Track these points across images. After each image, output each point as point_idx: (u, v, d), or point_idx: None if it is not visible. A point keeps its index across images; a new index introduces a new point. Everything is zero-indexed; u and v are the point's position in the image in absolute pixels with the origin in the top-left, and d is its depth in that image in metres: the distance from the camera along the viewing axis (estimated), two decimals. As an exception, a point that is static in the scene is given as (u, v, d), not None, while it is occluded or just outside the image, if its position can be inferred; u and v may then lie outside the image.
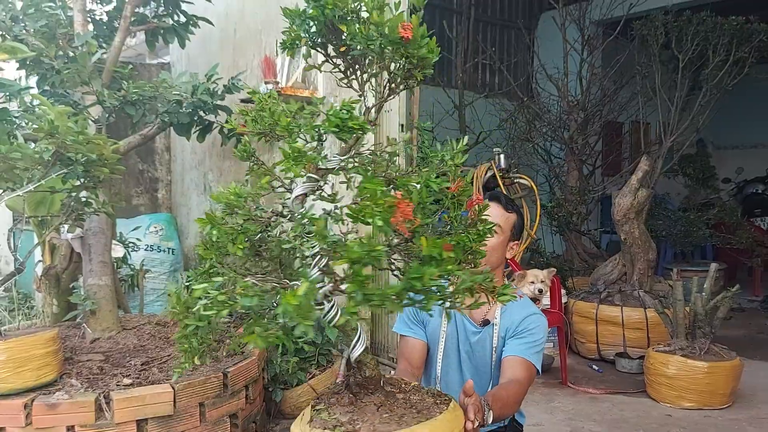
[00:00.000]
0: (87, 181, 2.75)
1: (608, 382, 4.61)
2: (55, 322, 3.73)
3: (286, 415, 3.74)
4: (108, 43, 4.15)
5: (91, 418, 2.46)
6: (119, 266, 4.40)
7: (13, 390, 2.45)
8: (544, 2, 8.15)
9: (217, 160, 5.70)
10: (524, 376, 2.11)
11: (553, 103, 7.30)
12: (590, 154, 7.33)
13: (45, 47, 3.49)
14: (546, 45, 7.88)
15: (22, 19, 3.64)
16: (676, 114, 6.16)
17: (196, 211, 6.11)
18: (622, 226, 5.02)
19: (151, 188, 6.41)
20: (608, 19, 7.22)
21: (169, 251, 5.68)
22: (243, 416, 2.95)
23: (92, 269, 3.32)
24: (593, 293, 5.26)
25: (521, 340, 2.18)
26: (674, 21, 5.94)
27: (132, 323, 3.50)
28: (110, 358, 2.96)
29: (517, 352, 2.16)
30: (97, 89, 3.44)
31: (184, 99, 3.86)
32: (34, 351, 2.50)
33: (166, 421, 2.60)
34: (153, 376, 2.75)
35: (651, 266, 5.21)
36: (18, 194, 2.55)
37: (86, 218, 3.11)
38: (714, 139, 10.66)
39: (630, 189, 4.95)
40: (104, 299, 3.28)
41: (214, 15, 4.78)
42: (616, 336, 4.97)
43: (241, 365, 2.94)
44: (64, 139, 2.48)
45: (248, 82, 4.91)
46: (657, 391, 4.14)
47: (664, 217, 7.08)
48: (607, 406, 4.09)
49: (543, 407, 4.03)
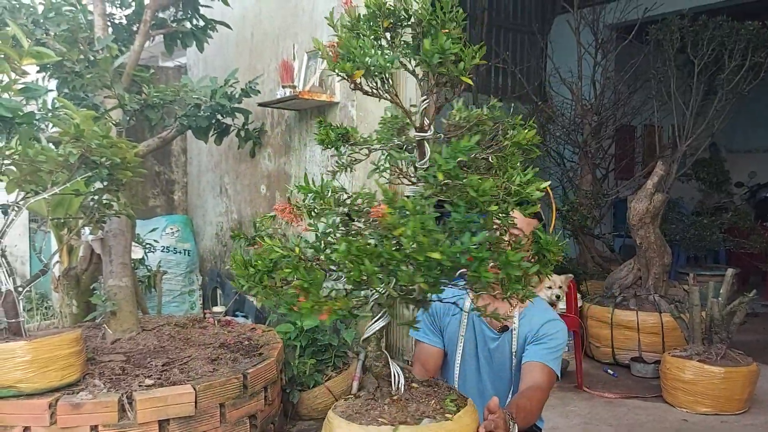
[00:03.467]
0: (110, 184, 2.78)
1: (623, 386, 4.61)
2: (74, 323, 3.77)
3: (303, 417, 3.76)
4: (127, 46, 4.19)
5: (114, 418, 2.49)
6: (136, 267, 4.44)
7: (38, 390, 2.48)
8: (558, 6, 8.13)
9: (233, 163, 5.74)
10: (545, 381, 2.12)
11: (566, 106, 7.29)
12: (603, 158, 7.32)
13: (67, 51, 3.54)
14: (560, 48, 7.87)
15: (43, 23, 3.69)
16: (691, 118, 6.14)
17: (211, 213, 6.14)
18: (637, 231, 5.01)
19: (168, 190, 6.46)
20: (622, 23, 7.20)
21: (185, 252, 5.73)
22: (262, 417, 2.97)
23: (113, 270, 3.36)
24: (608, 297, 5.26)
25: (541, 345, 2.19)
26: (690, 25, 5.92)
27: (151, 324, 3.53)
28: (131, 358, 2.99)
29: (537, 357, 2.16)
30: (119, 93, 3.48)
31: (203, 103, 3.90)
32: (59, 351, 2.53)
33: (188, 421, 2.63)
34: (174, 377, 2.78)
35: (666, 271, 5.20)
36: (43, 197, 2.58)
37: (107, 220, 3.15)
38: (727, 143, 10.60)
39: (645, 193, 4.94)
40: (124, 300, 3.32)
41: (231, 19, 4.82)
42: (632, 340, 4.96)
43: (260, 367, 2.96)
44: (89, 142, 2.51)
45: (265, 85, 4.94)
46: (673, 395, 4.14)
47: (677, 222, 7.06)
48: (622, 411, 4.09)
49: (558, 411, 4.03)
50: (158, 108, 3.78)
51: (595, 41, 7.09)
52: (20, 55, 2.57)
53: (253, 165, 5.39)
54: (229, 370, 2.88)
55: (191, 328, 3.58)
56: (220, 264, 5.98)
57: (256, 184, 5.39)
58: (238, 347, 3.26)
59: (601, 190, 7.04)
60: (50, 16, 3.66)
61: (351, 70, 1.50)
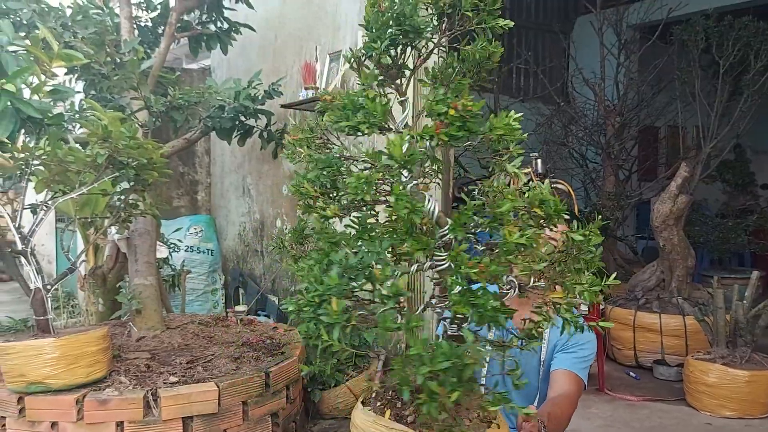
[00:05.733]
0: (136, 184, 2.83)
1: (646, 389, 4.57)
2: (100, 321, 3.84)
3: (324, 416, 3.78)
4: (152, 49, 4.25)
5: (139, 415, 2.53)
6: (161, 266, 4.51)
7: (65, 386, 2.53)
8: (580, 6, 8.09)
9: (256, 164, 5.79)
10: (574, 390, 2.13)
11: (589, 107, 7.25)
12: (626, 159, 7.27)
13: (94, 54, 3.60)
14: (582, 49, 7.83)
15: (71, 26, 3.76)
16: (716, 119, 6.07)
17: (234, 214, 6.20)
18: (660, 233, 4.97)
19: (191, 190, 6.54)
20: (646, 23, 7.15)
21: (208, 252, 5.79)
22: (284, 415, 3.00)
23: (138, 269, 3.41)
24: (631, 300, 5.22)
25: (570, 354, 2.19)
26: (715, 26, 5.87)
27: (175, 322, 3.58)
28: (156, 356, 3.04)
29: (566, 365, 2.17)
30: (145, 95, 3.53)
31: (227, 104, 3.94)
32: (86, 348, 2.57)
33: (211, 419, 2.66)
34: (198, 375, 2.81)
35: (689, 273, 5.15)
36: (72, 197, 2.63)
37: (133, 220, 3.20)
38: (753, 144, 10.43)
39: (669, 195, 4.90)
40: (149, 299, 3.36)
41: (254, 21, 4.86)
42: (654, 343, 4.92)
43: (283, 365, 2.99)
44: (117, 143, 2.56)
45: (288, 87, 4.98)
46: (697, 399, 4.10)
47: (701, 224, 6.98)
48: (645, 414, 4.06)
49: (580, 413, 3.99)
50: (183, 109, 3.83)
51: (618, 42, 7.04)
52: (50, 58, 2.62)
53: (276, 166, 5.43)
54: (252, 368, 2.91)
55: (215, 326, 3.62)
56: (242, 263, 6.03)
57: (278, 185, 5.43)
58: (261, 346, 3.29)
59: (624, 192, 6.99)
60: (78, 19, 3.73)
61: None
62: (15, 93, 2.43)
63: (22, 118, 2.47)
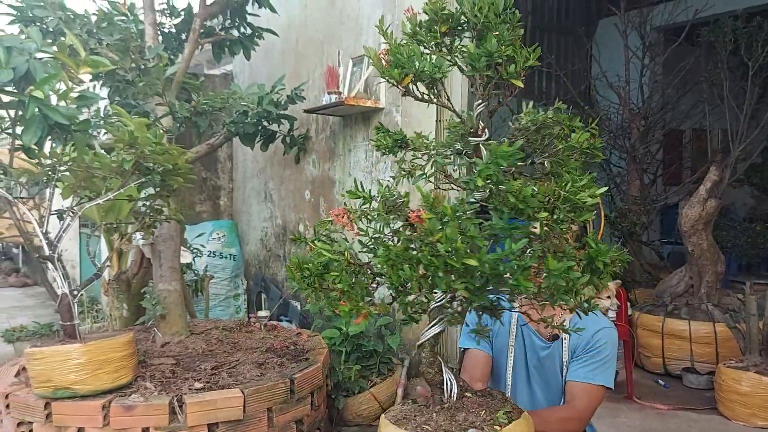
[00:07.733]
0: (161, 190, 2.82)
1: (676, 397, 4.48)
2: (124, 326, 3.85)
3: (348, 422, 3.76)
4: (176, 54, 4.27)
5: (164, 421, 2.52)
6: (184, 272, 4.51)
7: (91, 391, 2.53)
8: (603, 9, 8.01)
9: (278, 169, 5.79)
10: (583, 404, 2.10)
11: (612, 110, 7.15)
12: (651, 163, 7.16)
13: (119, 60, 3.61)
14: (605, 52, 7.74)
15: (97, 33, 3.78)
16: (745, 122, 5.96)
17: (256, 219, 6.21)
18: (689, 238, 4.88)
19: (214, 196, 6.56)
20: (671, 25, 7.04)
21: (230, 257, 5.80)
22: (308, 422, 2.97)
23: (162, 274, 3.41)
24: (659, 306, 5.13)
25: (586, 360, 2.15)
26: (744, 26, 5.76)
27: (199, 328, 3.57)
28: (181, 362, 3.03)
29: (578, 376, 2.14)
30: (170, 101, 3.54)
31: (250, 110, 3.94)
32: (112, 354, 2.57)
33: (236, 425, 2.65)
34: (222, 381, 2.80)
35: (719, 279, 5.05)
36: (98, 202, 2.63)
37: (157, 225, 3.20)
38: (782, 147, 10.27)
39: (698, 199, 4.81)
40: (174, 304, 3.36)
41: (277, 26, 4.87)
42: (683, 351, 4.82)
43: (307, 372, 2.97)
44: (143, 149, 2.56)
45: (310, 91, 4.98)
46: (729, 408, 4.00)
47: (729, 228, 6.85)
48: (675, 423, 3.97)
49: (608, 422, 3.93)
50: (207, 115, 3.84)
51: (642, 44, 6.95)
52: (77, 64, 2.63)
53: (298, 171, 5.42)
54: (277, 374, 2.89)
55: (238, 332, 3.61)
56: (264, 268, 6.03)
57: (300, 190, 5.42)
58: (285, 352, 3.27)
59: (649, 196, 6.89)
60: (103, 26, 3.75)
61: (399, 77, 1.51)
62: (43, 99, 2.44)
63: (50, 124, 2.48)
